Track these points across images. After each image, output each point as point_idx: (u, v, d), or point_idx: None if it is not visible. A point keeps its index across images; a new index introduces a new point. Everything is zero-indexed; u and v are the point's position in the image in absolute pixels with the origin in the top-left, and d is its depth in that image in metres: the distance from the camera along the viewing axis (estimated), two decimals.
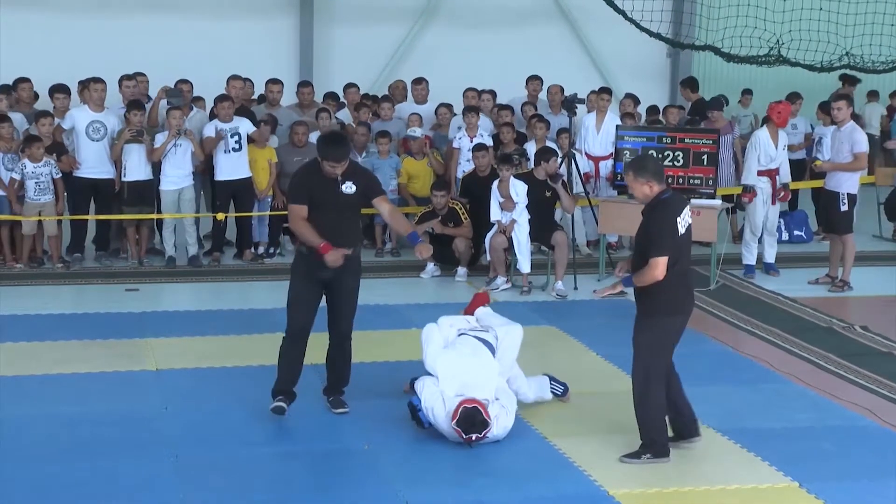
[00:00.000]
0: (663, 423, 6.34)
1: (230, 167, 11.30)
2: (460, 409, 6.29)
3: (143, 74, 12.20)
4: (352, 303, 6.91)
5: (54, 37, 15.66)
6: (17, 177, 10.74)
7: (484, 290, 8.59)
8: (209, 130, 11.25)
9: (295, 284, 6.81)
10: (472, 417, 6.27)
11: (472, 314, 7.41)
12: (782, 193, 11.30)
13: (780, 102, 11.18)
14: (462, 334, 6.99)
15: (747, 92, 15.32)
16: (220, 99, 11.36)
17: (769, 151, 10.86)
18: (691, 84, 14.26)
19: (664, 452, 6.30)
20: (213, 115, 11.66)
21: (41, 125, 10.89)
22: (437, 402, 6.45)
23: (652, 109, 13.78)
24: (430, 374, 6.69)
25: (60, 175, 10.91)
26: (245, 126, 11.29)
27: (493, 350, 6.87)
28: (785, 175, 11.17)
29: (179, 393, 7.40)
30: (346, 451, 6.46)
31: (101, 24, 15.96)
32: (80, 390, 7.42)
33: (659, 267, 6.08)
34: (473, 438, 6.30)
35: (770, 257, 11.32)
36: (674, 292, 6.21)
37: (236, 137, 11.23)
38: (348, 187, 6.69)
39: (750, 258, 11.22)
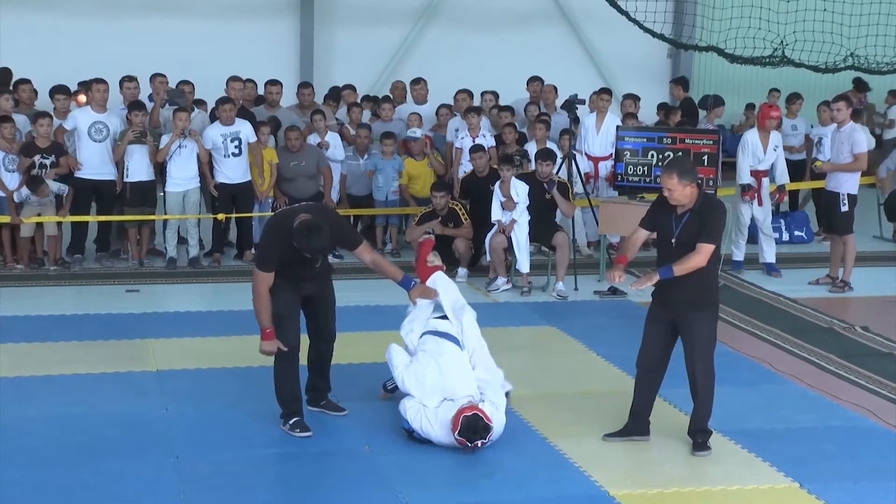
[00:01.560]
0: None
1: (230, 171, 11.30)
2: (460, 419, 6.22)
3: (162, 75, 12.16)
4: (333, 306, 6.86)
5: (55, 38, 15.70)
6: (18, 200, 10.71)
7: (426, 237, 7.99)
8: (210, 135, 11.23)
9: (279, 301, 6.56)
10: (473, 425, 6.22)
11: (427, 276, 7.09)
12: (777, 195, 11.34)
13: (771, 106, 11.30)
14: (423, 334, 6.83)
15: (796, 97, 14.94)
16: (221, 101, 11.36)
17: (757, 153, 10.93)
18: (683, 83, 14.21)
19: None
20: (213, 117, 11.66)
21: (39, 125, 10.88)
22: (424, 420, 6.39)
23: (663, 106, 13.84)
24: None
25: (67, 191, 10.87)
26: (246, 130, 11.27)
27: (457, 341, 6.72)
28: (781, 176, 11.21)
29: (180, 394, 7.39)
30: (347, 452, 6.45)
31: (102, 25, 16.00)
32: (80, 391, 7.41)
33: (706, 254, 6.19)
34: (479, 445, 6.26)
35: (770, 257, 11.34)
36: (718, 284, 6.55)
37: (236, 142, 11.22)
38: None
39: (738, 254, 11.39)
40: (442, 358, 6.60)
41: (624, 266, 6.48)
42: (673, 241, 6.29)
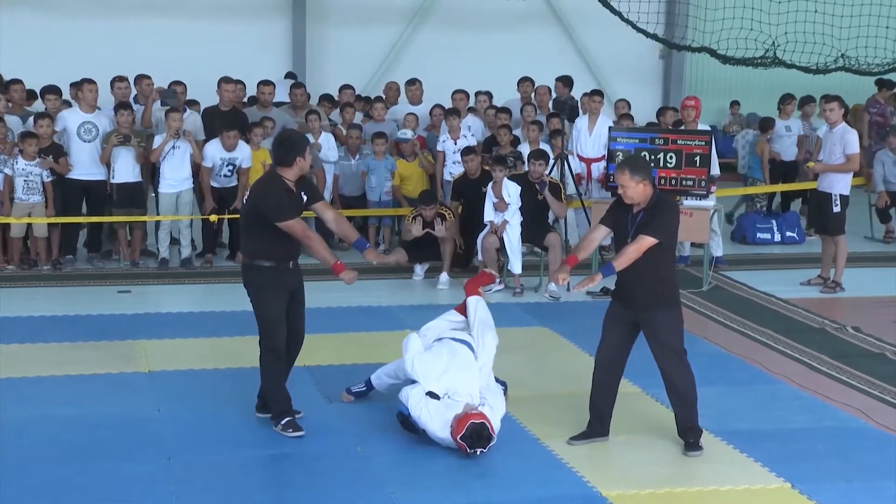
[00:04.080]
0: None
1: (219, 183, 11.36)
2: (468, 424, 6.21)
3: (148, 76, 12.12)
4: (304, 308, 6.85)
5: (49, 38, 15.71)
6: (8, 172, 10.73)
7: (489, 272, 8.27)
8: (210, 153, 11.17)
9: (271, 301, 6.55)
10: (479, 433, 6.21)
11: (473, 293, 7.27)
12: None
13: (688, 98, 11.62)
14: (439, 339, 6.93)
15: (811, 100, 14.67)
16: (226, 128, 11.13)
17: None
18: (565, 80, 14.03)
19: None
20: (205, 120, 11.63)
21: (39, 126, 10.87)
22: (424, 411, 6.40)
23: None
24: (410, 382, 6.63)
25: (51, 179, 10.86)
26: (243, 156, 11.24)
27: (471, 348, 6.82)
28: (712, 168, 11.34)
29: (172, 395, 7.38)
30: (340, 453, 6.45)
31: (96, 26, 16.01)
32: (72, 392, 7.40)
33: (644, 244, 6.17)
34: (477, 453, 6.26)
35: (716, 251, 11.50)
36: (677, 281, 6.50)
37: (231, 167, 11.23)
38: (301, 196, 6.54)
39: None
40: (454, 356, 6.70)
41: (572, 267, 6.46)
42: (629, 239, 6.30)
